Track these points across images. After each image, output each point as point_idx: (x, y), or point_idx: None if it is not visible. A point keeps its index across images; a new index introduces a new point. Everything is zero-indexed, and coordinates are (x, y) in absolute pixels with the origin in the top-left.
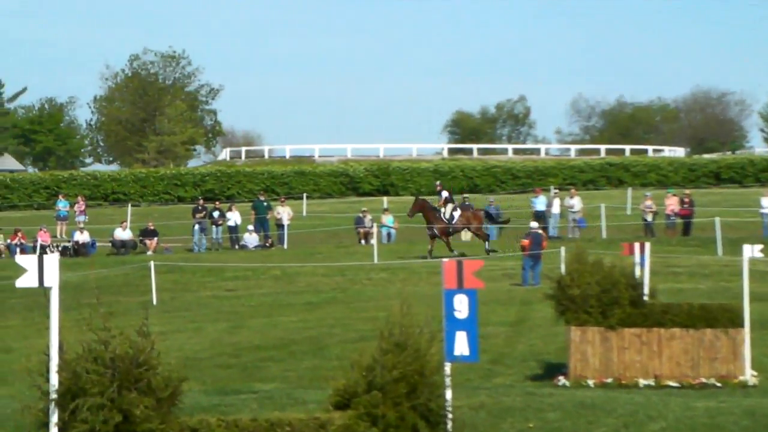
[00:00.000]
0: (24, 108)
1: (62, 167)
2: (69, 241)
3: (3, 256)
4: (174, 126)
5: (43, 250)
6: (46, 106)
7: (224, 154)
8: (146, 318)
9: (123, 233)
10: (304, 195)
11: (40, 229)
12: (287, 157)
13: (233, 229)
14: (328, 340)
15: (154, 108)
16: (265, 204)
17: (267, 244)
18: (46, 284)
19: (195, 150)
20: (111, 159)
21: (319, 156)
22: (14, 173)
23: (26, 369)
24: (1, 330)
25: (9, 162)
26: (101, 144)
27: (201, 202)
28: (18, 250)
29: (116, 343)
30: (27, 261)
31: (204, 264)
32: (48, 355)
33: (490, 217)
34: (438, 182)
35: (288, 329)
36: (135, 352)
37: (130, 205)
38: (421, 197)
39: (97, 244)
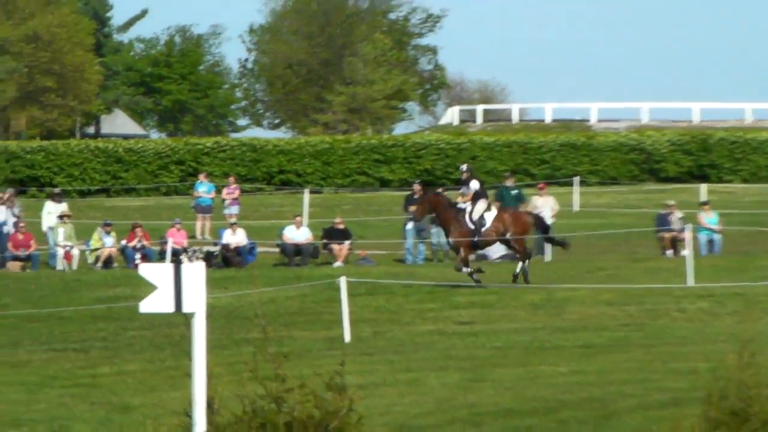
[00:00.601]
0: (144, 42)
1: (203, 132)
2: (215, 244)
3: (116, 264)
4: (372, 72)
5: (177, 257)
6: (177, 39)
7: (450, 115)
8: (342, 363)
9: (297, 233)
10: (576, 179)
11: (172, 225)
12: (548, 121)
13: None
14: (619, 403)
15: (341, 44)
16: (514, 192)
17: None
18: (185, 309)
19: (405, 109)
20: (277, 121)
21: (599, 120)
22: (130, 140)
23: None
24: (115, 377)
25: (122, 123)
26: (261, 98)
27: (417, 187)
28: (138, 256)
29: (295, 400)
30: (155, 273)
31: (422, 282)
32: (190, 417)
33: (543, 226)
34: (464, 164)
35: (555, 385)
36: (324, 415)
37: (307, 191)
38: (433, 189)
39: (258, 249)
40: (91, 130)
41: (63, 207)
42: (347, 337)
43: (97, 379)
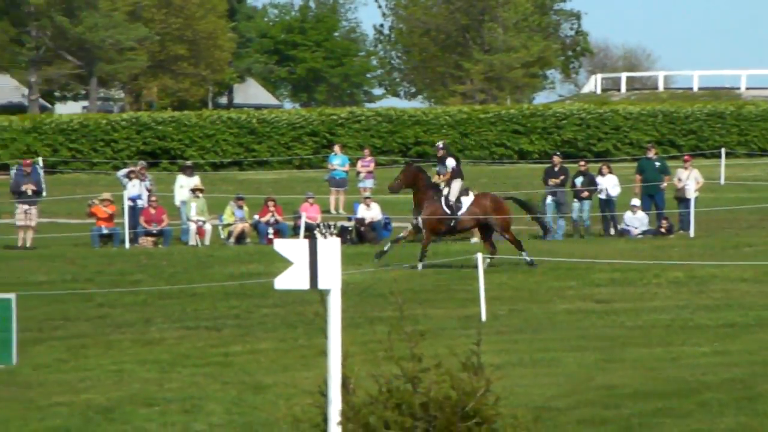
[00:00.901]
0: (278, 8)
1: (337, 102)
2: (350, 219)
3: (248, 240)
4: (513, 38)
5: (311, 232)
6: (312, 4)
7: (593, 83)
8: (478, 342)
9: None
10: (722, 150)
11: (305, 200)
12: (695, 89)
13: (607, 204)
14: (763, 384)
15: (481, 9)
16: (657, 164)
17: (662, 229)
18: (321, 286)
19: (546, 77)
20: (413, 90)
21: (748, 88)
22: (263, 110)
23: (290, 417)
24: (247, 356)
25: (255, 92)
26: (398, 67)
27: (556, 160)
28: (271, 231)
29: (430, 380)
30: (289, 248)
31: (561, 259)
32: (325, 397)
33: (526, 208)
34: (440, 142)
35: (696, 366)
36: (460, 396)
37: None
38: (414, 165)
39: (393, 224)
40: (223, 100)
41: (195, 180)
42: (483, 316)
43: (230, 357)
